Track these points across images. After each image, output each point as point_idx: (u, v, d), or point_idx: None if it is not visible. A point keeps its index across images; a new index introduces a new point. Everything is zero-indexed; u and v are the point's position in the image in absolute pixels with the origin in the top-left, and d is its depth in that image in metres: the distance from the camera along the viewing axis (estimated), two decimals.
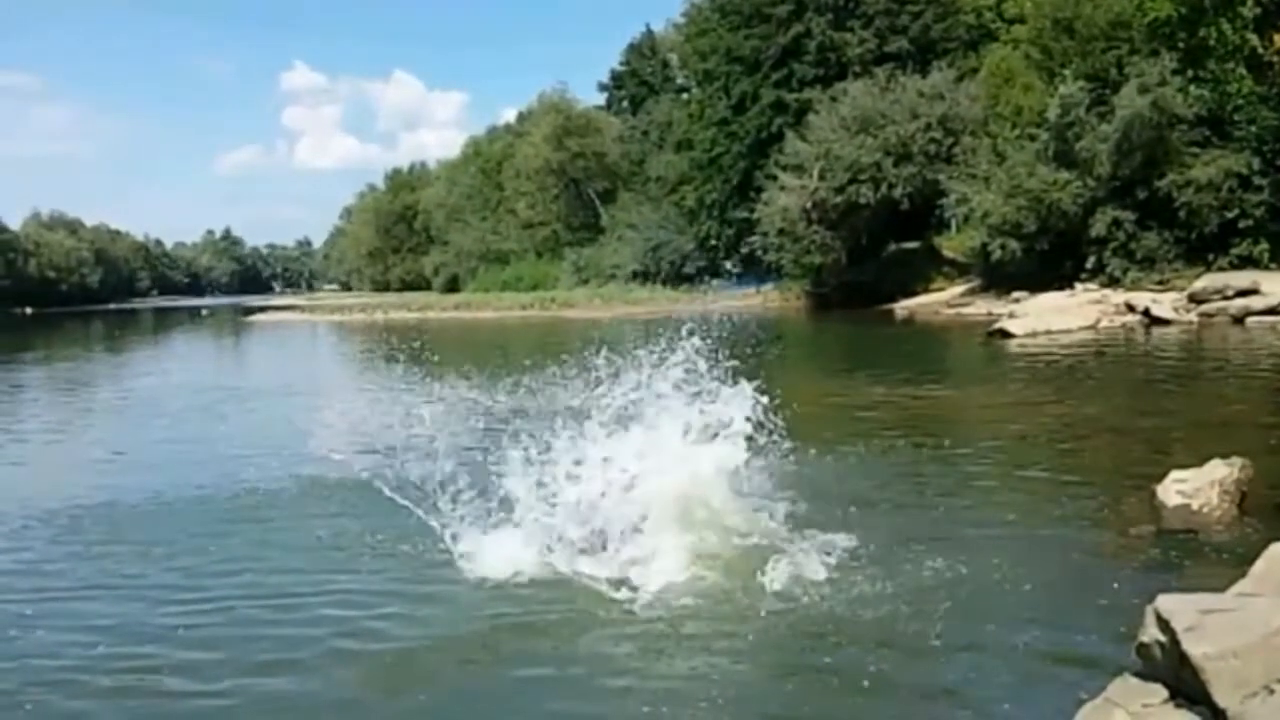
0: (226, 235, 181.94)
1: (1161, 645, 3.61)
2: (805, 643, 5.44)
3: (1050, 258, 32.88)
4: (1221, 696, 3.31)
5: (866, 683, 4.93)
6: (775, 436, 7.38)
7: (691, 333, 7.41)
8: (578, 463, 7.15)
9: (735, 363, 7.62)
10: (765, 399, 7.09)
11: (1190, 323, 25.42)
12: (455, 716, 4.97)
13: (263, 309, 72.08)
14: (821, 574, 6.29)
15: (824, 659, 5.21)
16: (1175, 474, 7.69)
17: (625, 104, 72.47)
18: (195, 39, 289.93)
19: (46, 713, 5.08)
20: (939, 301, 37.96)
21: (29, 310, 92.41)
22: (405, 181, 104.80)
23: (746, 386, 7.18)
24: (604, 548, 6.80)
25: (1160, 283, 30.07)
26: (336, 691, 5.17)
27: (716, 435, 7.05)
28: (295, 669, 5.46)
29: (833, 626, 5.57)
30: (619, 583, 6.36)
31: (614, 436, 7.23)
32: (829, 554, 6.60)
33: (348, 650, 5.68)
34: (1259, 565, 4.65)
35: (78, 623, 6.31)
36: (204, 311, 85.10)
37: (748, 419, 7.03)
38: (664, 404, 7.29)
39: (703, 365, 7.30)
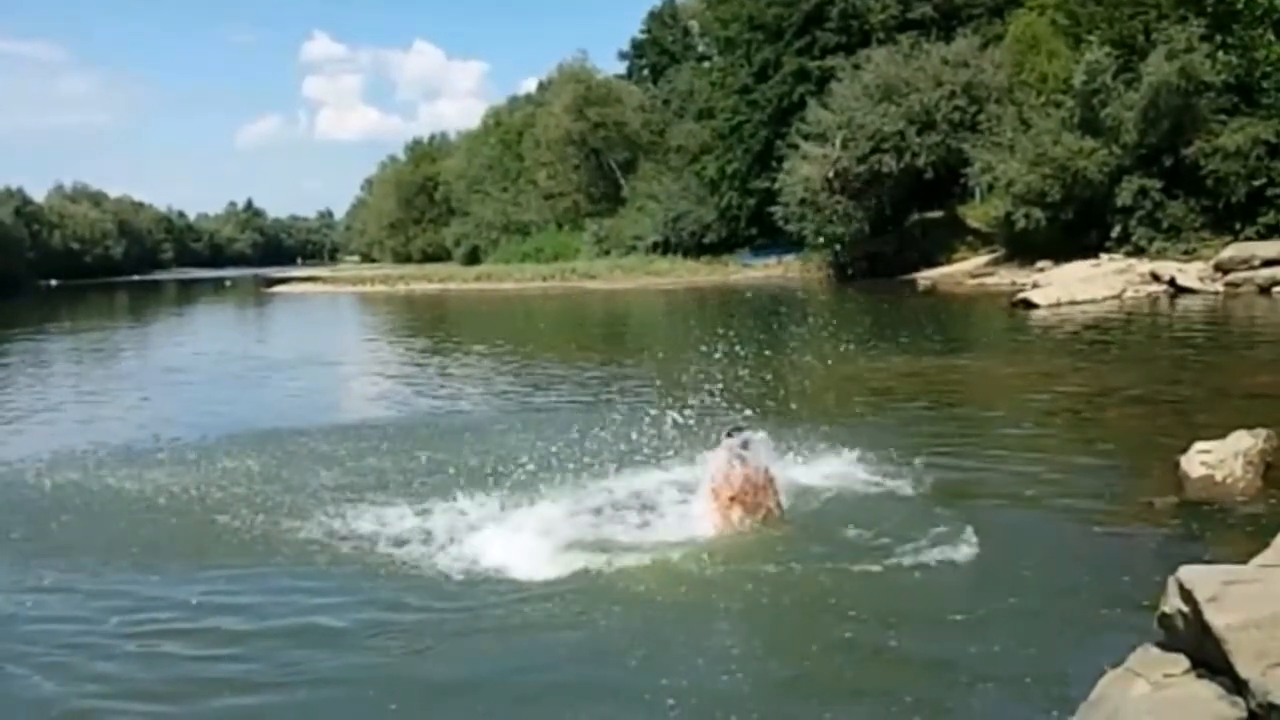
0: (248, 207, 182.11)
1: (1184, 616, 3.61)
2: (823, 613, 5.45)
3: (1075, 227, 32.58)
4: (1244, 667, 3.32)
5: (886, 654, 4.97)
6: (799, 407, 7.43)
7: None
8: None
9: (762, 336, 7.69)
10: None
11: (1216, 293, 25.22)
12: (475, 685, 4.98)
13: (285, 280, 72.18)
14: (841, 544, 6.32)
15: (842, 629, 5.23)
16: (1199, 445, 7.67)
17: (646, 73, 71.94)
18: (216, 8, 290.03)
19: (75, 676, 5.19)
20: (962, 272, 37.69)
21: (54, 282, 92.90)
22: (426, 152, 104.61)
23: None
24: (623, 518, 6.86)
25: (1186, 252, 29.78)
26: (366, 663, 5.22)
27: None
28: (318, 635, 5.55)
29: (852, 597, 5.59)
30: (634, 550, 6.41)
31: None
32: (850, 524, 6.63)
33: (381, 621, 5.74)
34: None
35: (102, 588, 6.43)
36: (227, 283, 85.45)
37: None
38: None
39: None
